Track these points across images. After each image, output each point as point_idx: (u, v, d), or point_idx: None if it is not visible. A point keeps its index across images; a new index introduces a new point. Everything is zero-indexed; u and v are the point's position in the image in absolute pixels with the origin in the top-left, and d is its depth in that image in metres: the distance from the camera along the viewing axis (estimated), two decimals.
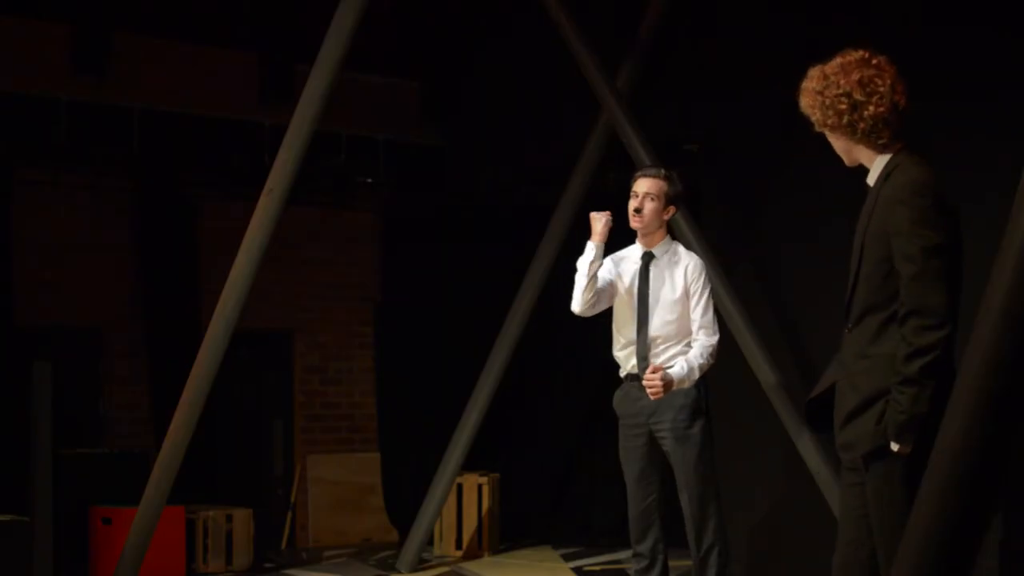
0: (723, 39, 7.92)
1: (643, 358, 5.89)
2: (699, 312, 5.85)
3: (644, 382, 5.68)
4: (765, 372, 7.22)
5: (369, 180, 10.36)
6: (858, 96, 3.77)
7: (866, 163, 3.92)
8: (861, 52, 3.82)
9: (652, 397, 5.67)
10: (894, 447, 3.68)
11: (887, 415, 3.69)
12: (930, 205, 3.70)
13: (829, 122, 3.84)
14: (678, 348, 5.85)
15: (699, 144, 8.35)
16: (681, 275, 5.88)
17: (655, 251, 5.96)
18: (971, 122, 6.29)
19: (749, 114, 7.69)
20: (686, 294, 5.87)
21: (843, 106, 3.80)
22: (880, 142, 3.83)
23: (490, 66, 9.85)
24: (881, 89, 3.78)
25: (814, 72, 3.87)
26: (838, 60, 3.83)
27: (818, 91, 3.83)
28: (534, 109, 9.43)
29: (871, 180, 3.91)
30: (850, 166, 3.99)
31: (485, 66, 9.91)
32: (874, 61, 3.80)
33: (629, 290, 5.97)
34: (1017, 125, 6.05)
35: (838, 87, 3.79)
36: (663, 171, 6.01)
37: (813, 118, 3.90)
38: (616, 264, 6.04)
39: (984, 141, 6.23)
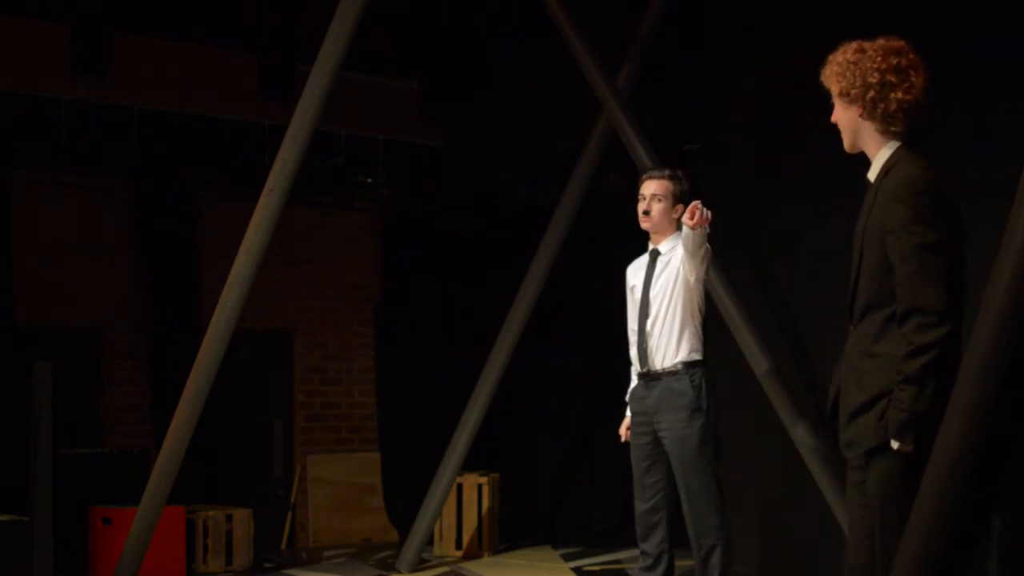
0: (723, 39, 7.92)
1: (643, 352, 5.92)
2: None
3: (690, 209, 5.42)
4: (764, 370, 7.22)
5: (369, 180, 10.37)
6: (891, 78, 3.78)
7: (869, 153, 3.91)
8: (902, 43, 3.83)
9: (693, 223, 5.42)
10: (895, 445, 3.68)
11: (888, 413, 3.69)
12: (926, 203, 3.69)
13: (853, 91, 3.82)
14: (676, 339, 5.85)
15: (699, 144, 8.35)
16: (679, 259, 5.88)
17: (661, 248, 6.00)
18: (971, 122, 6.29)
19: (749, 114, 7.70)
20: (684, 277, 5.85)
21: (873, 80, 3.79)
22: (892, 129, 3.82)
23: (490, 66, 9.85)
24: (914, 80, 3.79)
25: (851, 45, 3.85)
26: (880, 42, 3.82)
27: (852, 61, 3.82)
28: (534, 109, 9.43)
29: (872, 175, 3.90)
30: (848, 150, 3.97)
31: (485, 66, 9.91)
32: (911, 56, 3.82)
33: (638, 289, 6.03)
34: (1017, 125, 6.05)
35: (875, 63, 3.78)
36: (668, 171, 6.07)
37: (837, 86, 3.87)
38: (634, 274, 6.11)
39: (984, 141, 6.23)
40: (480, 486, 9.53)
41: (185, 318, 9.51)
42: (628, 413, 6.11)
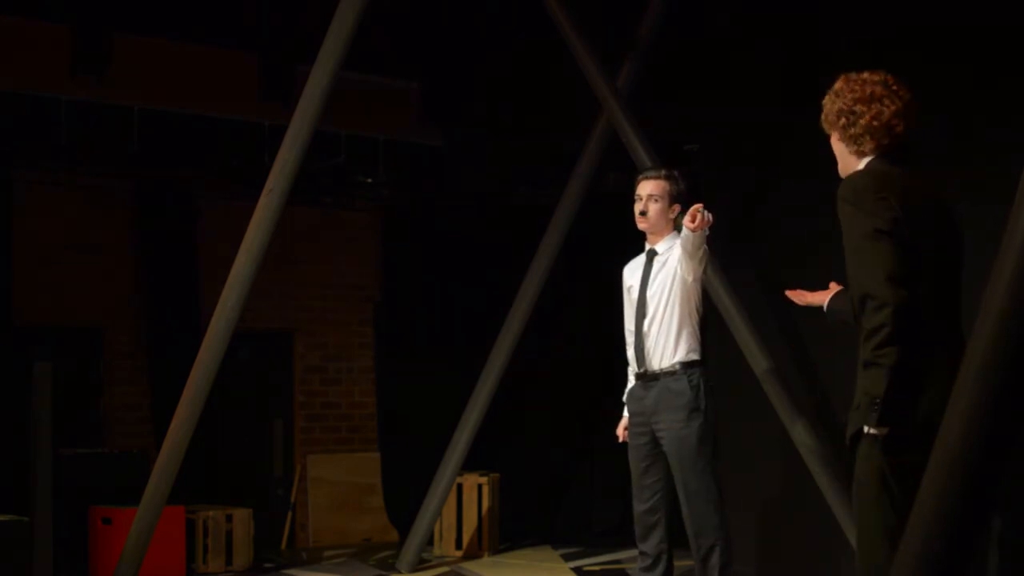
0: (723, 39, 7.92)
1: (640, 352, 5.92)
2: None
3: (692, 212, 5.43)
4: (764, 370, 7.21)
5: (369, 180, 10.36)
6: (860, 107, 4.01)
7: (850, 168, 4.08)
8: (886, 76, 4.05)
9: (695, 225, 5.45)
10: (865, 429, 3.78)
11: (857, 399, 3.83)
12: (864, 197, 3.84)
13: (830, 117, 4.09)
14: (674, 339, 5.84)
15: (699, 144, 8.35)
16: (675, 258, 5.88)
17: (658, 248, 6.00)
18: (971, 122, 6.30)
19: (748, 114, 7.70)
20: (681, 277, 5.85)
21: (844, 107, 4.04)
22: (862, 150, 4.03)
23: (490, 66, 9.85)
24: (884, 108, 4.00)
25: (842, 76, 4.12)
26: (865, 74, 4.07)
27: (835, 91, 4.09)
28: (534, 109, 9.43)
29: None
30: (841, 176, 4.14)
31: (485, 66, 9.91)
32: (893, 87, 4.03)
33: (635, 289, 6.02)
34: (1017, 125, 6.05)
35: (852, 92, 4.03)
36: (664, 171, 6.07)
37: (822, 113, 4.13)
38: (630, 274, 6.11)
39: (984, 141, 6.23)
40: (480, 486, 9.53)
41: (185, 318, 9.51)
42: (625, 413, 6.10)
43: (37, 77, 8.83)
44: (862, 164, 4.02)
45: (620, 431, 6.14)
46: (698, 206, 5.43)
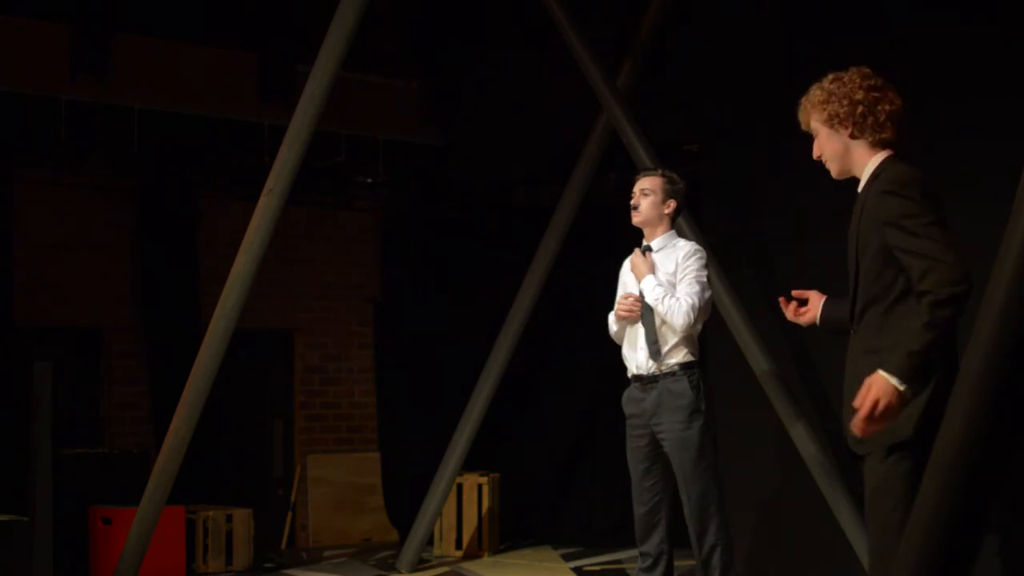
0: (723, 39, 7.92)
1: (635, 353, 5.90)
2: (681, 289, 5.81)
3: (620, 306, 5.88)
4: (764, 370, 7.21)
5: (369, 180, 10.37)
6: (875, 93, 3.97)
7: (858, 169, 4.03)
8: (871, 72, 4.03)
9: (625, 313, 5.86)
10: (893, 381, 3.66)
11: (898, 354, 3.69)
12: (919, 193, 3.79)
13: (842, 112, 3.98)
14: (674, 343, 5.83)
15: (699, 144, 8.35)
16: (673, 262, 5.88)
17: (653, 244, 5.98)
18: (971, 122, 6.30)
19: (749, 114, 7.70)
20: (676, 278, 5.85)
21: (859, 96, 3.97)
22: (883, 137, 3.96)
23: (490, 66, 9.85)
24: (891, 94, 3.99)
25: (826, 77, 4.07)
26: (852, 70, 4.03)
27: (833, 89, 4.02)
28: (534, 109, 9.43)
29: (861, 184, 4.02)
30: (837, 177, 4.12)
31: (485, 66, 9.91)
32: (881, 80, 4.01)
33: (630, 286, 6.00)
34: (1017, 125, 6.05)
35: (856, 84, 3.99)
36: (661, 170, 6.09)
37: (823, 114, 4.05)
38: (628, 272, 6.09)
39: (984, 141, 6.23)
40: (480, 486, 9.52)
41: (185, 318, 9.51)
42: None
43: (37, 77, 8.83)
44: (878, 157, 3.96)
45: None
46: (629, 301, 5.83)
